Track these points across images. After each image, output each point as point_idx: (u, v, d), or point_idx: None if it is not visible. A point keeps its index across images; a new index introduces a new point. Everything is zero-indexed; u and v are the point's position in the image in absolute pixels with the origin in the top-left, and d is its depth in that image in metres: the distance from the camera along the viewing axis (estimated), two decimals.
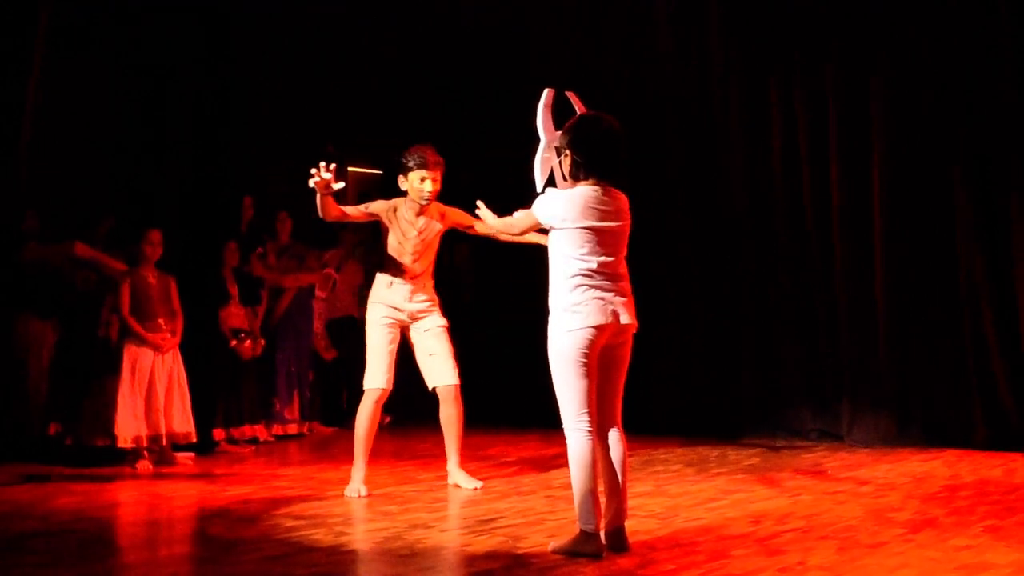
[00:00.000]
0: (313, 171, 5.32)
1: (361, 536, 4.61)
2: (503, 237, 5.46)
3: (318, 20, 9.09)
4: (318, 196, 5.41)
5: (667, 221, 7.85)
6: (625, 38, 8.53)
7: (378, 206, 5.77)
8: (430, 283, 5.86)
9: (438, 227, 5.81)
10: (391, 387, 5.74)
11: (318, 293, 8.61)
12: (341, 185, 5.41)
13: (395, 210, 5.76)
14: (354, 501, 5.48)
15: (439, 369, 5.78)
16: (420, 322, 5.80)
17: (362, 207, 5.77)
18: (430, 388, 5.85)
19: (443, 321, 5.85)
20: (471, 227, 5.80)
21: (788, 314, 7.87)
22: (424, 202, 5.71)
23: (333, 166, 5.34)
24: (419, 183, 5.69)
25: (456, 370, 5.81)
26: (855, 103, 7.56)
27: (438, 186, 5.73)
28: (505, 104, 8.64)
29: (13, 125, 6.79)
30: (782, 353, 7.89)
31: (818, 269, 7.77)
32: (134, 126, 8.15)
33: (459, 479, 5.84)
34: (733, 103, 8.10)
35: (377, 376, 5.71)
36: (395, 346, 5.77)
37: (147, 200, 7.85)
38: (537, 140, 4.72)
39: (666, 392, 8.10)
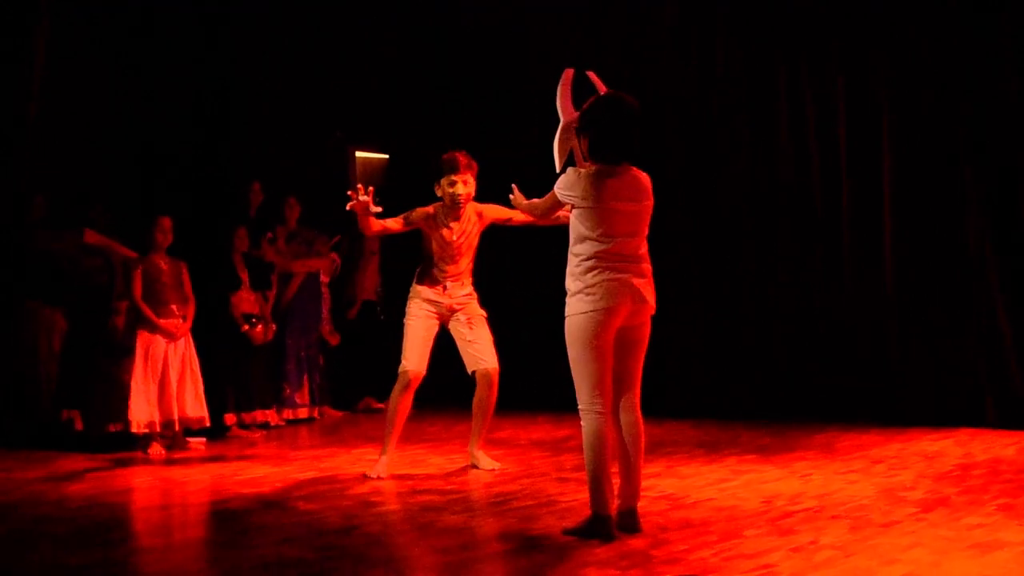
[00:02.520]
0: (350, 193, 5.47)
1: (373, 519, 4.62)
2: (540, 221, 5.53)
3: (321, 13, 9.08)
4: (359, 216, 5.56)
5: (668, 221, 7.85)
6: (625, 38, 8.49)
7: (417, 215, 5.82)
8: (469, 279, 5.94)
9: (476, 227, 5.86)
10: (424, 371, 5.80)
11: (322, 278, 8.61)
12: (379, 209, 5.54)
13: (433, 217, 5.81)
14: (366, 484, 5.48)
15: (479, 354, 5.85)
16: (459, 312, 5.87)
17: (401, 218, 5.82)
18: (469, 372, 5.89)
19: (482, 312, 5.92)
20: (510, 219, 5.85)
21: (799, 296, 7.85)
22: (457, 205, 5.75)
23: (371, 188, 5.50)
24: (450, 187, 5.73)
25: (496, 357, 5.86)
26: (862, 98, 7.56)
27: (470, 189, 5.77)
28: (505, 103, 8.66)
29: (19, 113, 6.79)
30: (791, 335, 7.88)
31: (827, 249, 7.76)
32: (142, 112, 8.15)
33: (479, 460, 5.90)
34: (737, 101, 8.08)
35: (410, 358, 5.78)
36: (432, 334, 5.84)
37: (156, 187, 7.86)
38: (556, 121, 4.67)
39: (677, 375, 8.10)
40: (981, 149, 7.17)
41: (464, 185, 5.73)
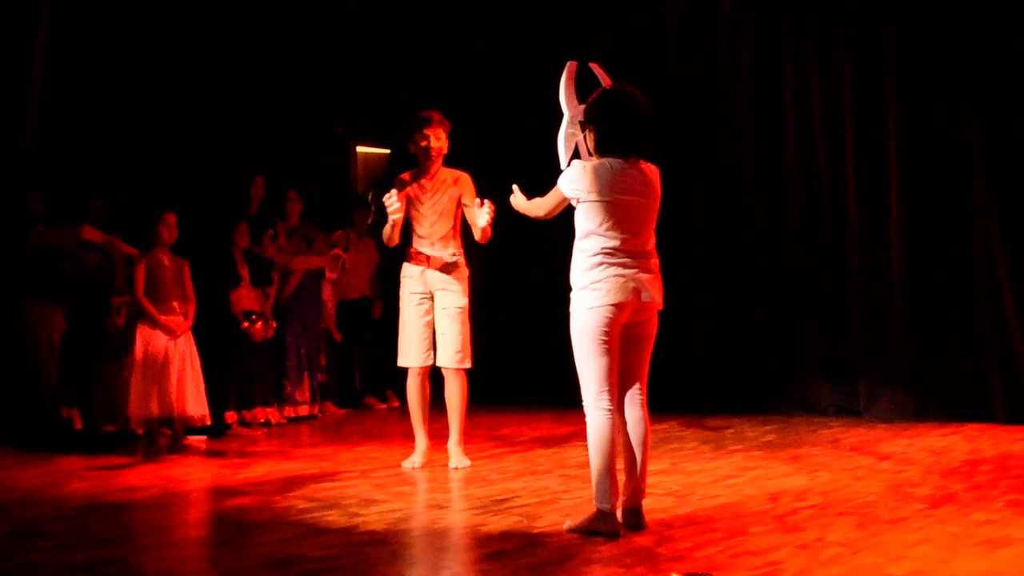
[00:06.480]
0: (389, 201, 5.57)
1: (375, 517, 4.59)
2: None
3: (323, 8, 9.05)
4: (388, 226, 5.67)
5: (673, 216, 7.82)
6: (629, 30, 8.44)
7: (397, 184, 5.84)
8: (456, 252, 5.84)
9: (451, 192, 5.80)
10: (428, 362, 5.83)
11: (328, 275, 8.59)
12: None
13: (408, 181, 5.85)
14: (367, 482, 5.44)
15: (446, 350, 5.82)
16: (440, 297, 5.82)
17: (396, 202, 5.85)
18: (436, 364, 5.87)
19: (462, 303, 5.84)
20: (468, 206, 5.79)
21: (804, 291, 7.83)
22: (428, 159, 5.77)
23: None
24: (422, 142, 5.79)
25: (463, 354, 5.81)
26: (868, 70, 7.51)
27: (439, 144, 5.80)
28: (508, 98, 8.63)
29: (18, 108, 6.76)
30: (798, 330, 7.85)
31: (833, 244, 7.74)
32: (142, 107, 8.12)
33: (451, 457, 5.86)
34: (742, 70, 8.04)
35: (408, 354, 5.83)
36: (429, 319, 5.83)
37: (157, 182, 7.83)
38: (559, 116, 4.62)
39: (682, 371, 8.06)
40: (990, 141, 7.13)
41: (435, 139, 5.77)
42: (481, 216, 5.55)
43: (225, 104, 8.34)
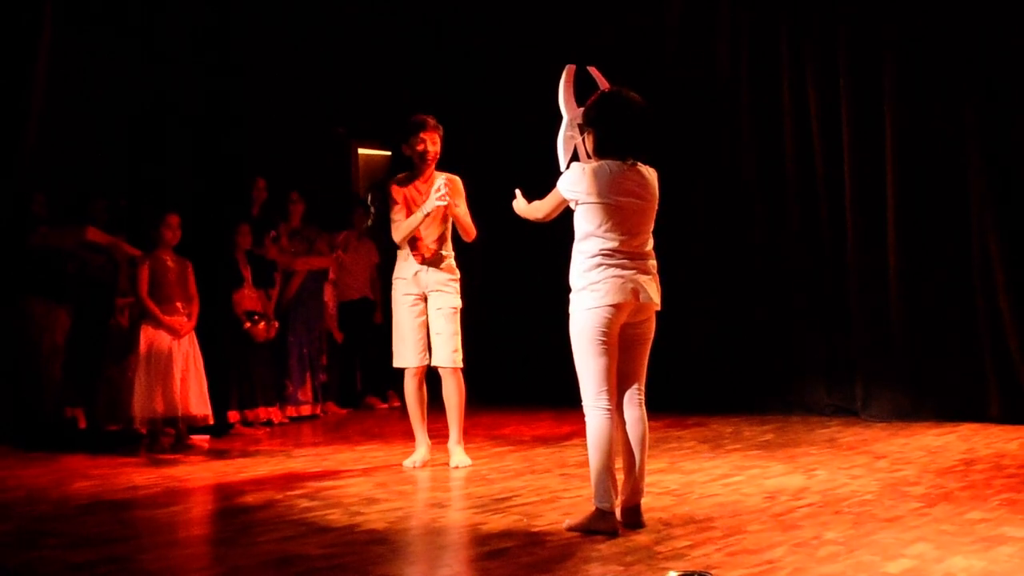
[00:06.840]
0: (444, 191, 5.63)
1: (376, 516, 4.61)
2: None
3: (324, 9, 9.07)
4: (421, 215, 5.71)
5: (672, 217, 7.84)
6: (627, 33, 8.45)
7: (395, 189, 5.89)
8: (448, 255, 5.91)
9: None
10: (424, 362, 5.87)
11: (331, 276, 8.62)
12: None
13: (403, 181, 5.90)
14: (368, 481, 5.47)
15: (441, 350, 5.85)
16: (435, 298, 5.86)
17: (394, 210, 5.88)
18: (432, 364, 5.90)
19: (456, 303, 5.89)
20: (457, 205, 5.84)
21: (802, 291, 7.85)
22: (425, 163, 5.83)
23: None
24: (418, 146, 5.84)
25: (459, 353, 5.85)
26: (867, 71, 7.53)
27: (435, 148, 5.86)
28: (508, 100, 8.64)
29: (21, 109, 6.78)
30: (797, 330, 7.87)
31: (832, 244, 7.75)
32: (142, 107, 8.14)
33: (452, 455, 5.89)
34: (742, 70, 8.05)
35: (404, 355, 5.87)
36: (423, 319, 5.87)
37: (158, 183, 7.85)
38: (558, 118, 4.65)
39: (680, 371, 8.09)
40: (989, 142, 7.14)
41: (431, 143, 5.84)
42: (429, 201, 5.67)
43: (225, 104, 8.36)
